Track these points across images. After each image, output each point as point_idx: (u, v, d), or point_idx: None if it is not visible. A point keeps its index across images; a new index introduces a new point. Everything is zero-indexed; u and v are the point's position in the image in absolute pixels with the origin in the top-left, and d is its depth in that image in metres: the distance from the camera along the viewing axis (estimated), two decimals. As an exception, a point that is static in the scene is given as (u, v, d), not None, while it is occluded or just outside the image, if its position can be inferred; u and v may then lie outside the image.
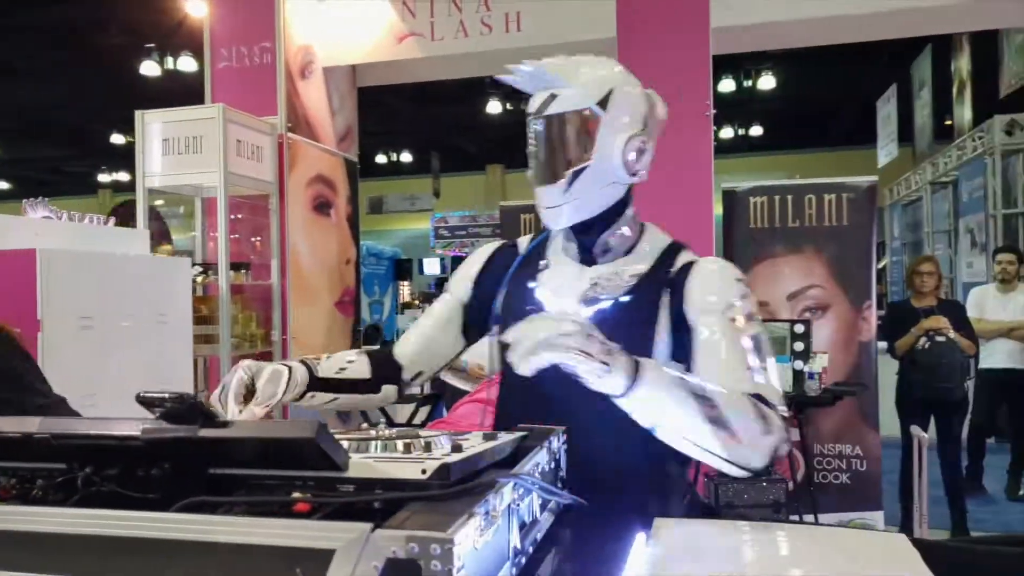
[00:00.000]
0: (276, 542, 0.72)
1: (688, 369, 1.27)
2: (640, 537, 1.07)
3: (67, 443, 0.86)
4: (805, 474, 3.95)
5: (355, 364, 1.50)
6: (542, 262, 1.45)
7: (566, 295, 1.39)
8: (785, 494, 3.46)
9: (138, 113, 3.60)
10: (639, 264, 1.39)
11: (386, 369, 1.53)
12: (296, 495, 0.83)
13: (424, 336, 1.57)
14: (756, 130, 12.57)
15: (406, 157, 14.84)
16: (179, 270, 3.45)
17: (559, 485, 1.16)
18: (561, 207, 1.33)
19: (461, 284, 1.56)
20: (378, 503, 0.82)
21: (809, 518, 3.69)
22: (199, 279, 3.66)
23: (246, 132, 3.71)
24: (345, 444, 0.95)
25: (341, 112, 4.56)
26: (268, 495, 0.84)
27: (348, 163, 4.61)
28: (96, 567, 0.74)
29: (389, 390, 1.54)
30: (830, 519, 3.82)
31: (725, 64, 8.65)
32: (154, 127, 3.58)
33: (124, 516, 0.77)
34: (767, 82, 9.40)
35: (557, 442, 1.15)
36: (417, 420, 5.05)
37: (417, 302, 11.71)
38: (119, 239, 3.32)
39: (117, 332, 3.04)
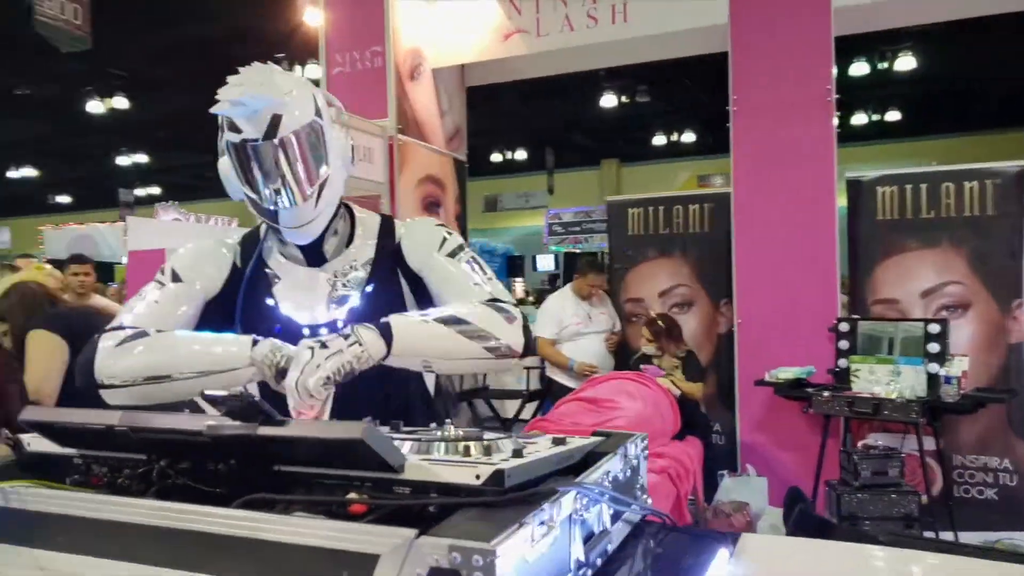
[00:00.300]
0: (324, 544, 0.73)
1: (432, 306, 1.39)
2: (722, 554, 1.00)
3: (144, 436, 0.89)
4: (943, 487, 3.65)
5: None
6: (268, 271, 1.42)
7: (311, 303, 1.40)
8: (918, 508, 3.20)
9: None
10: (366, 250, 1.44)
11: None
12: (352, 495, 0.82)
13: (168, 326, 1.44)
14: (893, 115, 11.75)
15: (520, 155, 14.91)
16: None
17: (639, 494, 1.10)
18: (313, 223, 1.35)
19: (206, 272, 1.44)
20: (432, 507, 0.80)
21: (947, 535, 3.40)
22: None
23: (358, 135, 3.82)
24: (408, 445, 0.94)
25: (450, 112, 4.62)
26: (327, 494, 0.84)
27: (457, 163, 4.67)
28: (155, 556, 0.76)
29: None
30: (972, 538, 3.50)
31: (857, 46, 8.13)
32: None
33: (186, 510, 0.79)
34: (905, 63, 8.75)
35: (635, 448, 1.09)
36: (525, 415, 5.06)
37: (531, 298, 11.75)
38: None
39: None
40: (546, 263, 14.64)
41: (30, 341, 2.28)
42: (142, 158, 12.77)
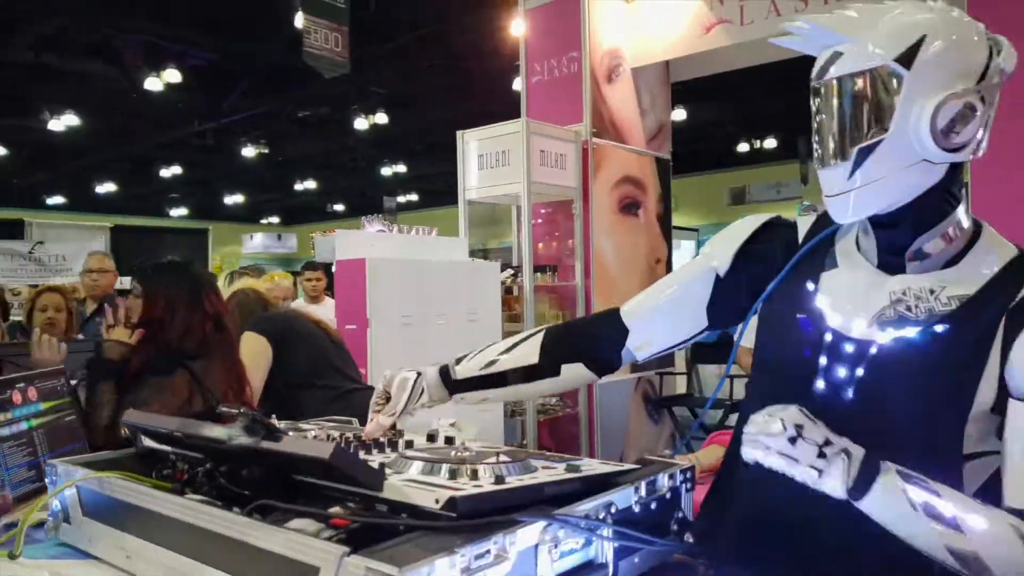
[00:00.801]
0: (285, 552, 0.81)
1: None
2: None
3: (195, 442, 1.04)
4: None
5: (513, 353, 1.34)
6: (828, 259, 1.15)
7: (855, 309, 1.08)
8: None
9: (459, 133, 4.03)
10: (967, 282, 1.03)
11: (589, 342, 1.35)
12: (334, 509, 0.89)
13: (665, 300, 1.32)
14: None
15: (770, 143, 14.13)
16: (491, 273, 3.79)
17: (675, 529, 1.04)
18: (847, 195, 1.03)
19: (721, 252, 1.26)
20: (402, 527, 0.84)
21: None
22: (507, 280, 3.97)
23: (549, 142, 3.92)
24: (419, 464, 0.99)
25: (652, 111, 4.55)
26: (327, 505, 0.92)
27: (659, 162, 4.58)
28: (177, 543, 0.92)
29: (577, 373, 1.34)
30: None
31: None
32: (471, 144, 3.97)
33: (200, 509, 0.93)
34: None
35: (670, 480, 1.03)
36: (731, 423, 4.82)
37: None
38: (441, 248, 3.76)
39: (433, 329, 3.45)
40: (796, 258, 13.65)
41: (242, 342, 2.64)
42: (401, 168, 14.05)
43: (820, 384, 1.09)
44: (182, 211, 18.02)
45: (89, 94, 10.23)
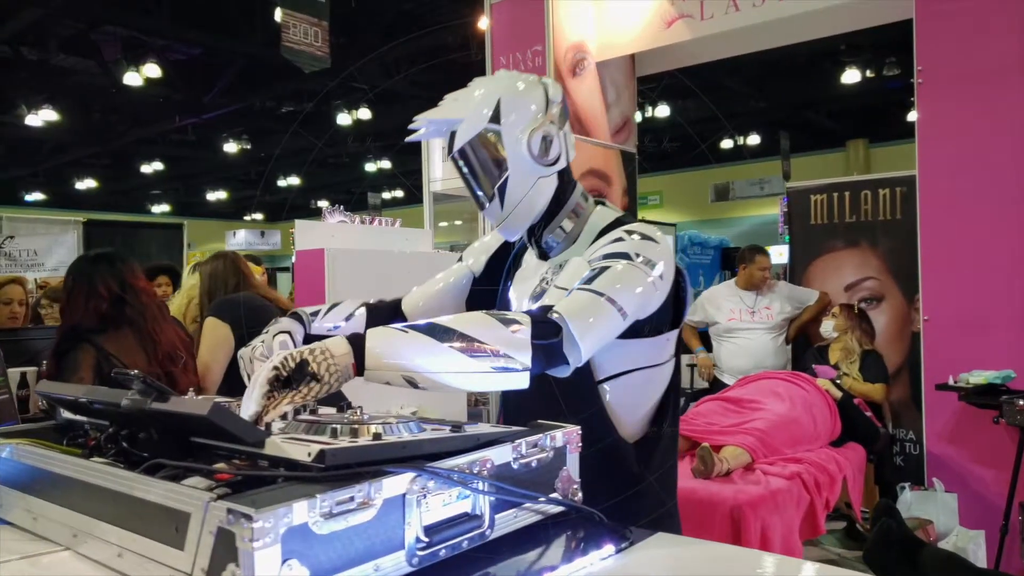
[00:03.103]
0: (165, 502, 0.86)
1: None
2: (608, 548, 0.97)
3: (100, 408, 1.09)
4: None
5: (353, 320, 1.57)
6: (524, 259, 1.54)
7: (522, 293, 1.49)
8: None
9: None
10: (581, 249, 1.38)
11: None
12: (219, 465, 0.94)
13: (435, 294, 1.64)
14: None
15: (753, 139, 14.22)
16: (451, 263, 3.83)
17: (559, 485, 1.09)
18: (507, 220, 1.39)
19: (478, 256, 1.63)
20: (281, 479, 0.89)
21: None
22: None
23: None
24: (309, 425, 1.04)
25: (617, 104, 4.60)
26: (212, 462, 0.97)
27: (624, 155, 4.64)
28: (77, 503, 0.97)
29: None
30: None
31: None
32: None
33: (96, 468, 0.97)
34: None
35: (551, 441, 1.09)
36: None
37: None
38: (405, 239, 3.80)
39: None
40: (782, 255, 13.79)
41: (204, 328, 2.68)
42: (385, 164, 14.06)
43: None
44: (164, 207, 17.97)
45: (67, 88, 10.21)
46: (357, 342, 1.06)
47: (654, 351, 1.40)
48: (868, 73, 9.76)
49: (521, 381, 1.12)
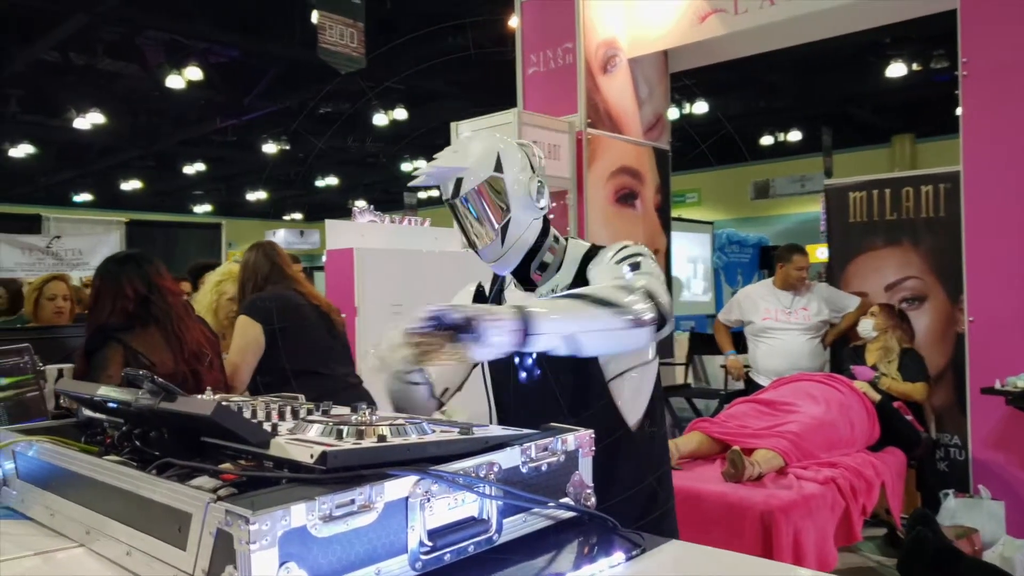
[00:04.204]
0: (170, 502, 0.86)
1: None
2: (618, 556, 0.95)
3: (116, 407, 1.09)
4: None
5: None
6: (505, 295, 1.67)
7: None
8: None
9: (452, 124, 4.07)
10: (566, 277, 1.59)
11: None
12: (225, 465, 0.94)
13: (441, 369, 1.72)
14: None
15: (794, 136, 13.96)
16: (482, 263, 3.81)
17: (571, 490, 1.07)
18: (504, 256, 1.56)
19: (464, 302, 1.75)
20: (284, 480, 0.89)
21: None
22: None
23: (542, 133, 3.93)
24: (316, 426, 1.03)
25: (649, 101, 4.55)
26: (217, 463, 0.97)
27: (658, 152, 4.58)
28: (88, 500, 0.98)
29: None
30: None
31: None
32: (465, 135, 4.00)
33: (107, 467, 0.98)
34: None
35: (563, 445, 1.06)
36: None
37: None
38: (434, 238, 3.81)
39: (424, 318, 3.49)
40: (822, 254, 13.52)
41: (236, 326, 2.70)
42: (421, 163, 14.11)
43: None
44: (206, 207, 18.30)
45: (114, 92, 10.45)
46: (519, 309, 1.20)
47: (644, 349, 1.57)
48: (915, 66, 9.51)
49: (648, 337, 1.34)
